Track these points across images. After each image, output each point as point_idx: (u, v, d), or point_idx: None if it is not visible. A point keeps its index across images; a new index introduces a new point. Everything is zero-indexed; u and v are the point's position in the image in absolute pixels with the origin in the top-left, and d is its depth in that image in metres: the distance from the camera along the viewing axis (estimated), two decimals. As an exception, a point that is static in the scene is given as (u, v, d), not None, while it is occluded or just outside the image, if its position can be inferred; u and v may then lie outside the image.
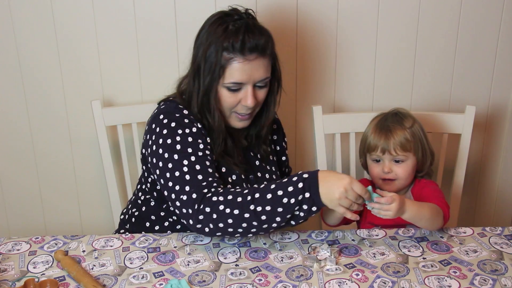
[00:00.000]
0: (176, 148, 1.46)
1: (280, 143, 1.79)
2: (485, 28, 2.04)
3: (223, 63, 1.47)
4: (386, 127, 1.63)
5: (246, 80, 1.49)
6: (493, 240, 1.54)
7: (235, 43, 1.45)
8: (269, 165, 1.70)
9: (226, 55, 1.46)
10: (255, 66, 1.48)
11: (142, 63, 1.98)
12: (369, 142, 1.64)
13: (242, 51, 1.46)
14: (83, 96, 1.99)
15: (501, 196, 2.32)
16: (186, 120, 1.51)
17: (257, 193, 1.38)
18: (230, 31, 1.46)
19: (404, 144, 1.60)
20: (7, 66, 1.96)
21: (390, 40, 2.03)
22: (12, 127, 2.04)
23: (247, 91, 1.50)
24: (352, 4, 1.97)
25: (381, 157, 1.62)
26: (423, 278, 1.37)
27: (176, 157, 1.45)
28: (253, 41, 1.46)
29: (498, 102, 2.16)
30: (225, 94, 1.51)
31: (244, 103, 1.51)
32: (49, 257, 1.47)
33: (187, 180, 1.43)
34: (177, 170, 1.44)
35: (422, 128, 1.66)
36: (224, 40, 1.45)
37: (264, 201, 1.36)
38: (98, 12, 1.91)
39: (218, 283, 1.35)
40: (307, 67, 2.04)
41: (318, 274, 1.39)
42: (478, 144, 2.21)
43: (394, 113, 1.67)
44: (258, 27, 1.50)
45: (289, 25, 1.98)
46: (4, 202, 2.14)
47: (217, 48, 1.46)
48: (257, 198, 1.37)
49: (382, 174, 1.63)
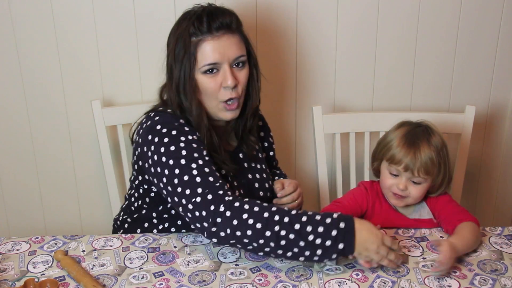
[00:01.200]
0: (181, 154, 1.41)
1: (267, 139, 1.79)
2: (485, 28, 2.04)
3: (192, 49, 1.46)
4: (415, 143, 1.53)
5: (220, 59, 1.47)
6: (493, 240, 1.54)
7: (200, 24, 1.45)
8: (259, 164, 1.69)
9: (194, 39, 1.46)
10: (226, 43, 1.47)
11: (142, 63, 1.98)
12: (394, 154, 1.53)
13: (209, 30, 1.45)
14: (83, 96, 1.99)
15: (501, 196, 2.32)
16: (187, 128, 1.49)
17: (286, 217, 1.32)
18: (192, 17, 1.47)
19: (428, 168, 1.52)
20: (7, 66, 1.96)
21: (390, 40, 2.03)
22: (12, 127, 2.04)
23: (225, 71, 1.48)
24: (352, 4, 1.97)
25: (401, 173, 1.54)
26: (423, 278, 1.37)
27: (183, 161, 1.40)
28: (217, 19, 1.46)
29: (498, 102, 2.16)
30: (204, 80, 1.49)
31: (225, 84, 1.48)
32: (49, 257, 1.47)
33: (198, 183, 1.37)
34: (186, 174, 1.38)
35: (447, 150, 1.59)
36: (188, 28, 1.46)
37: (290, 228, 1.30)
38: (98, 12, 1.91)
39: (218, 283, 1.35)
40: (307, 67, 2.04)
41: (318, 274, 1.39)
42: (478, 144, 2.21)
43: (425, 128, 1.58)
44: (220, 8, 1.51)
45: (289, 25, 1.98)
46: (4, 202, 2.14)
47: (184, 38, 1.46)
48: (286, 222, 1.31)
49: (396, 189, 1.56)
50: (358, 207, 1.62)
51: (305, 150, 2.16)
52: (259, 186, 1.66)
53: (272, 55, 2.01)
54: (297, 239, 1.30)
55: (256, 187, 1.65)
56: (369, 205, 1.62)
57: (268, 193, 1.68)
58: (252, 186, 1.64)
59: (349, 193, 1.68)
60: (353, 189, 1.71)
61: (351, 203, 1.62)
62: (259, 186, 1.66)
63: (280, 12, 1.96)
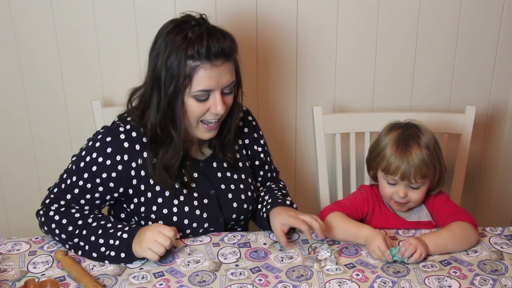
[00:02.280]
0: (79, 162, 1.50)
1: (252, 147, 1.68)
2: (485, 28, 2.04)
3: (188, 72, 1.40)
4: (407, 151, 1.52)
5: (214, 86, 1.42)
6: (493, 240, 1.54)
7: (200, 49, 1.38)
8: (236, 174, 1.62)
9: (191, 63, 1.39)
10: (222, 72, 1.42)
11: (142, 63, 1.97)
12: (388, 165, 1.53)
13: (208, 57, 1.39)
14: (83, 96, 1.99)
15: (501, 196, 2.32)
16: (109, 149, 1.47)
17: (85, 230, 1.45)
18: (191, 38, 1.39)
19: (424, 172, 1.52)
20: (7, 66, 1.95)
21: (390, 40, 2.03)
22: (13, 127, 2.04)
23: (215, 98, 1.43)
24: (352, 4, 1.97)
25: (398, 182, 1.54)
26: (423, 278, 1.37)
27: (74, 168, 1.51)
28: (217, 45, 1.39)
29: (498, 102, 2.16)
30: (192, 104, 1.44)
31: (214, 111, 1.44)
32: (49, 257, 1.47)
33: (64, 180, 1.52)
34: (66, 173, 1.53)
35: (439, 146, 1.59)
36: (187, 48, 1.39)
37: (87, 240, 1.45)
38: (98, 12, 1.91)
39: (218, 283, 1.35)
40: (307, 67, 2.04)
41: (318, 274, 1.39)
42: (478, 144, 2.21)
43: (413, 129, 1.57)
44: (220, 31, 1.44)
45: (289, 25, 1.98)
46: (4, 202, 2.14)
47: (179, 57, 1.39)
48: (84, 234, 1.45)
49: (396, 197, 1.56)
50: (359, 210, 1.62)
51: (305, 150, 2.16)
52: (233, 196, 1.60)
53: (272, 55, 2.01)
54: (90, 252, 1.45)
55: (230, 197, 1.59)
56: (370, 208, 1.63)
57: (244, 204, 1.62)
58: (224, 196, 1.59)
59: (350, 196, 1.68)
60: (354, 192, 1.72)
61: (352, 205, 1.62)
62: (233, 197, 1.60)
63: (280, 12, 1.96)
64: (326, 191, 1.98)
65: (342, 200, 1.68)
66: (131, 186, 1.51)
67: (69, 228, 1.47)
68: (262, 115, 2.04)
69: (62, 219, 1.49)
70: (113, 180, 1.49)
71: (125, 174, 1.49)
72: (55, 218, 1.50)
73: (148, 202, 1.52)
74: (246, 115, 1.68)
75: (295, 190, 2.20)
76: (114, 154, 1.48)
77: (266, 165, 1.73)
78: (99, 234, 1.44)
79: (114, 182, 1.49)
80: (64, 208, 1.52)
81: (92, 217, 1.49)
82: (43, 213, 1.53)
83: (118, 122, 1.55)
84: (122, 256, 1.41)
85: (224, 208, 1.59)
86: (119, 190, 1.51)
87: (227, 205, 1.60)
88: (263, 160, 1.72)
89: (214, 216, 1.57)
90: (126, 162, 1.49)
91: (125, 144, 1.49)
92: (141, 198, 1.52)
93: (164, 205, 1.52)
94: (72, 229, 1.47)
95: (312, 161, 2.13)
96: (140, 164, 1.50)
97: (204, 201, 1.56)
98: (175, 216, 1.52)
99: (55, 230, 1.49)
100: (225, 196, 1.60)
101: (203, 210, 1.55)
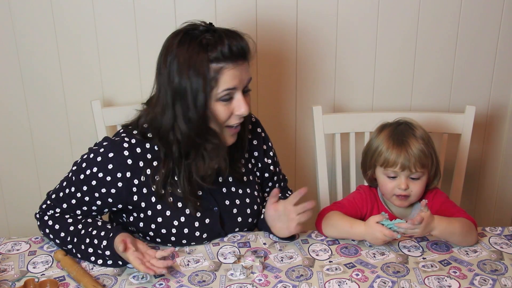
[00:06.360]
0: (79, 174, 1.47)
1: (262, 159, 1.67)
2: (485, 28, 2.04)
3: (213, 75, 1.38)
4: (404, 141, 1.54)
5: (238, 84, 1.41)
6: (493, 240, 1.54)
7: (223, 49, 1.37)
8: (242, 188, 1.60)
9: (215, 66, 1.38)
10: (243, 70, 1.43)
11: (142, 63, 1.98)
12: (387, 158, 1.53)
13: (231, 57, 1.39)
14: (83, 96, 1.99)
15: (501, 196, 2.32)
16: (111, 166, 1.44)
17: (75, 237, 1.46)
18: (211, 42, 1.38)
19: (423, 160, 1.53)
20: (7, 66, 1.95)
21: (390, 40, 2.03)
22: (12, 127, 2.04)
23: (238, 99, 1.43)
24: (352, 4, 1.97)
25: (398, 173, 1.55)
26: (423, 278, 1.37)
27: (74, 178, 1.49)
28: (238, 45, 1.39)
29: (498, 102, 2.16)
30: (219, 109, 1.42)
31: (239, 112, 1.43)
32: (49, 257, 1.47)
33: (63, 187, 1.51)
34: (66, 181, 1.52)
35: (431, 139, 1.60)
36: (208, 52, 1.37)
37: (78, 248, 1.46)
38: (98, 12, 1.91)
39: (218, 283, 1.35)
40: (307, 67, 2.04)
41: (318, 274, 1.39)
42: (478, 144, 2.21)
43: (405, 124, 1.59)
44: (234, 32, 1.44)
45: (289, 26, 1.98)
46: (4, 202, 2.14)
47: (202, 63, 1.37)
48: (75, 242, 1.46)
49: (398, 190, 1.56)
50: (358, 210, 1.62)
51: (305, 150, 2.16)
52: (238, 211, 1.58)
53: (272, 55, 2.01)
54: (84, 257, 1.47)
55: (234, 212, 1.57)
56: (368, 209, 1.63)
57: (249, 218, 1.60)
58: (228, 212, 1.57)
59: (349, 196, 1.68)
60: (353, 192, 1.72)
61: (351, 205, 1.62)
62: (238, 212, 1.58)
63: (280, 12, 1.96)
64: (325, 191, 1.98)
65: (341, 200, 1.68)
66: (131, 202, 1.48)
67: (61, 234, 1.48)
68: (262, 115, 2.03)
69: (55, 224, 1.50)
70: (112, 196, 1.46)
71: (125, 191, 1.46)
72: (49, 223, 1.51)
73: (147, 219, 1.49)
74: (255, 127, 1.67)
75: (295, 190, 2.19)
76: (115, 171, 1.44)
77: (275, 176, 1.73)
78: (87, 244, 1.43)
79: (112, 198, 1.47)
80: (58, 214, 1.52)
81: (83, 222, 1.48)
82: (39, 217, 1.55)
83: (123, 136, 1.50)
84: (109, 263, 1.42)
85: (227, 223, 1.57)
86: (118, 205, 1.49)
87: (230, 220, 1.57)
88: (273, 171, 1.71)
89: (214, 235, 1.55)
90: (128, 179, 1.45)
91: (129, 161, 1.45)
92: (141, 215, 1.50)
93: (163, 224, 1.49)
94: (64, 235, 1.47)
95: (312, 161, 2.13)
96: (142, 182, 1.47)
97: (205, 221, 1.53)
98: (173, 237, 1.51)
99: (49, 235, 1.51)
100: (230, 212, 1.57)
101: (203, 231, 1.52)
